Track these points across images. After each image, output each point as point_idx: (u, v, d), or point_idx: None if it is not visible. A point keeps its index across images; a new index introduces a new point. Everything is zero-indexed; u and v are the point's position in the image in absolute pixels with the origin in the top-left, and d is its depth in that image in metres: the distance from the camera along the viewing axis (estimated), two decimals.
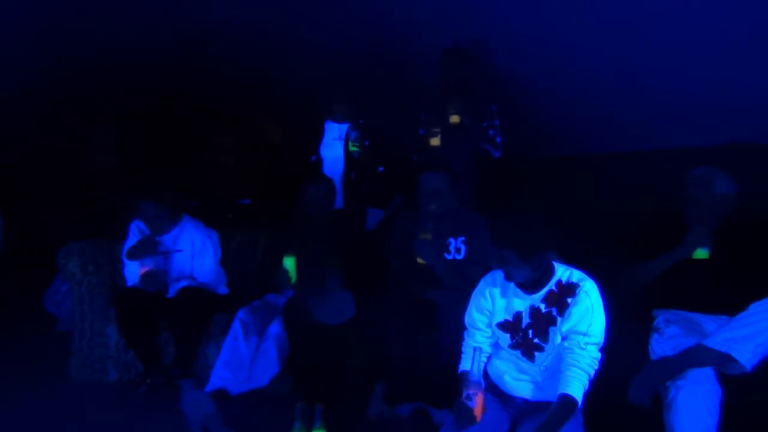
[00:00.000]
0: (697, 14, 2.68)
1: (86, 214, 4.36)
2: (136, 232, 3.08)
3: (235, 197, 5.75)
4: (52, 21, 3.88)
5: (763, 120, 2.88)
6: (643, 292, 2.38)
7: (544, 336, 1.91)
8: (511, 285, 1.97)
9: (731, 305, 2.06)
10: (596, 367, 1.85)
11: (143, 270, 2.92)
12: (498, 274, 2.01)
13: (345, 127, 3.48)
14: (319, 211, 2.93)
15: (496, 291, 2.02)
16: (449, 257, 2.68)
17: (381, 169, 3.50)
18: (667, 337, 2.13)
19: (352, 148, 3.33)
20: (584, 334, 1.84)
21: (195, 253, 3.05)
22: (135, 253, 2.98)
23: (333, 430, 2.14)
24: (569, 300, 1.87)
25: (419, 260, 2.62)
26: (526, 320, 1.94)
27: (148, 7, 4.06)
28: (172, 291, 2.96)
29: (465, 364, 2.04)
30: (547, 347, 1.92)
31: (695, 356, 1.94)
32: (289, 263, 2.68)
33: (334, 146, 3.49)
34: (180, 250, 3.03)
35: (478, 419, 1.83)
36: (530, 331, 1.93)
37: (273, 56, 4.65)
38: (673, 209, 2.42)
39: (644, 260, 2.36)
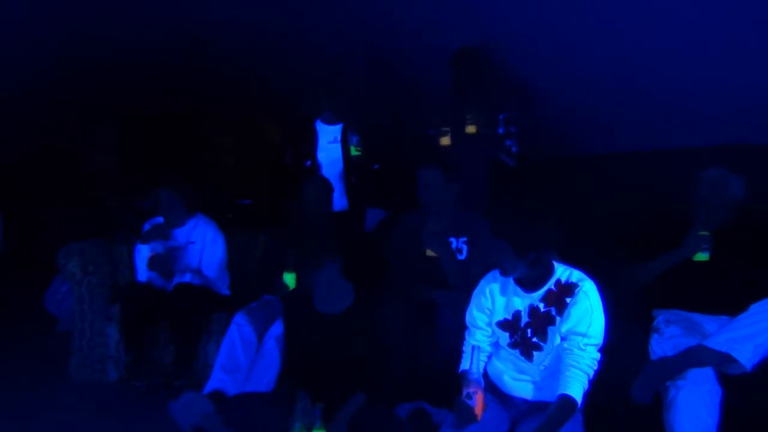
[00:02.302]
0: (697, 14, 2.67)
1: (86, 214, 4.37)
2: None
3: (235, 197, 5.76)
4: (52, 21, 3.88)
5: (763, 120, 2.88)
6: (643, 292, 2.38)
7: (543, 335, 1.92)
8: (511, 284, 1.98)
9: (731, 305, 2.06)
10: (596, 368, 1.85)
11: (152, 254, 2.99)
12: (498, 273, 2.02)
13: (338, 128, 3.43)
14: (318, 209, 2.93)
15: (497, 289, 2.02)
16: None
17: (376, 166, 3.47)
18: (667, 337, 2.13)
19: (354, 153, 3.28)
20: (584, 335, 1.84)
21: (206, 246, 3.11)
22: (146, 237, 3.07)
23: (333, 430, 2.14)
24: (568, 300, 1.88)
25: (428, 252, 2.62)
26: (525, 319, 1.95)
27: (148, 7, 4.06)
28: (176, 281, 3.00)
29: (465, 364, 2.05)
30: (546, 347, 1.92)
31: (695, 356, 1.94)
32: (290, 279, 2.69)
33: (330, 150, 3.44)
34: (192, 242, 3.11)
35: (479, 418, 1.83)
36: (529, 330, 1.94)
37: (273, 56, 4.66)
38: (673, 209, 2.42)
39: (644, 260, 2.36)
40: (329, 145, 3.45)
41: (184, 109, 5.84)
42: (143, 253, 3.09)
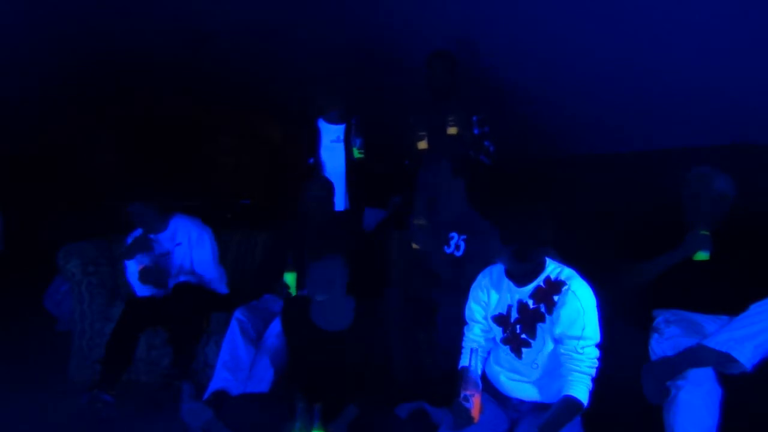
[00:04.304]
0: (697, 14, 2.68)
1: (86, 214, 4.36)
2: None
3: (236, 197, 5.76)
4: (51, 23, 3.88)
5: (763, 120, 2.88)
6: (643, 292, 2.38)
7: (532, 332, 1.92)
8: (505, 278, 1.99)
9: (731, 305, 2.06)
10: (597, 365, 1.85)
11: (140, 267, 2.92)
12: (496, 268, 2.03)
13: (341, 128, 3.41)
14: (319, 209, 2.93)
15: (492, 284, 2.04)
16: (448, 251, 2.69)
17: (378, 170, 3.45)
18: (667, 337, 2.13)
19: (357, 155, 3.25)
20: (579, 338, 1.84)
21: (193, 244, 3.04)
22: (129, 252, 2.98)
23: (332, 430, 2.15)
24: (555, 298, 1.88)
25: (414, 246, 2.66)
26: (514, 315, 1.96)
27: (146, 8, 4.06)
28: (172, 286, 2.95)
29: (464, 360, 2.06)
30: (535, 344, 1.92)
31: (695, 356, 1.94)
32: (290, 278, 2.69)
33: (333, 149, 3.41)
34: (179, 244, 3.03)
35: (476, 420, 1.83)
36: (518, 327, 1.95)
37: (274, 56, 4.66)
38: (673, 209, 2.42)
39: (644, 260, 2.36)
40: (332, 144, 3.42)
41: (184, 108, 5.84)
42: (132, 268, 3.00)
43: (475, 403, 1.82)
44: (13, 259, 3.75)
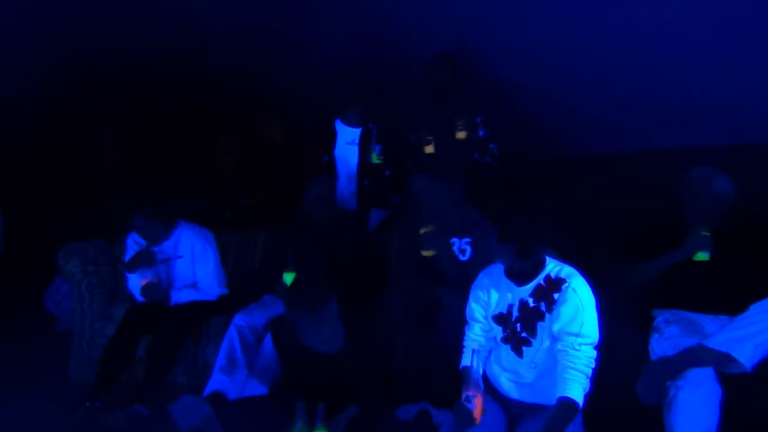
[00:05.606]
0: (697, 14, 2.67)
1: (86, 214, 4.36)
2: (133, 245, 3.03)
3: (236, 197, 5.75)
4: (51, 23, 3.88)
5: (763, 120, 2.88)
6: (643, 292, 2.38)
7: (532, 330, 1.92)
8: (504, 278, 1.99)
9: (731, 305, 2.07)
10: (593, 366, 1.84)
11: (143, 282, 2.88)
12: (496, 268, 2.03)
13: (358, 131, 3.43)
14: (320, 209, 2.93)
15: (493, 283, 2.04)
16: None
17: (387, 173, 3.47)
18: (667, 337, 2.13)
19: (376, 161, 3.30)
20: (577, 335, 1.83)
21: (196, 258, 2.99)
22: (132, 266, 2.94)
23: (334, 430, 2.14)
24: (555, 296, 1.87)
25: (426, 253, 2.63)
26: (515, 314, 1.96)
27: (146, 8, 4.06)
28: (174, 299, 2.93)
29: (466, 360, 2.05)
30: (535, 342, 1.92)
31: (695, 356, 1.94)
32: (290, 279, 2.68)
33: (348, 151, 3.43)
34: (180, 256, 2.99)
35: (478, 422, 1.82)
36: (518, 325, 1.95)
37: (272, 56, 4.66)
38: (673, 209, 2.42)
39: (644, 260, 2.36)
40: (347, 146, 3.45)
41: (184, 109, 5.84)
42: (133, 281, 2.97)
43: (477, 405, 1.82)
44: (13, 259, 3.75)
